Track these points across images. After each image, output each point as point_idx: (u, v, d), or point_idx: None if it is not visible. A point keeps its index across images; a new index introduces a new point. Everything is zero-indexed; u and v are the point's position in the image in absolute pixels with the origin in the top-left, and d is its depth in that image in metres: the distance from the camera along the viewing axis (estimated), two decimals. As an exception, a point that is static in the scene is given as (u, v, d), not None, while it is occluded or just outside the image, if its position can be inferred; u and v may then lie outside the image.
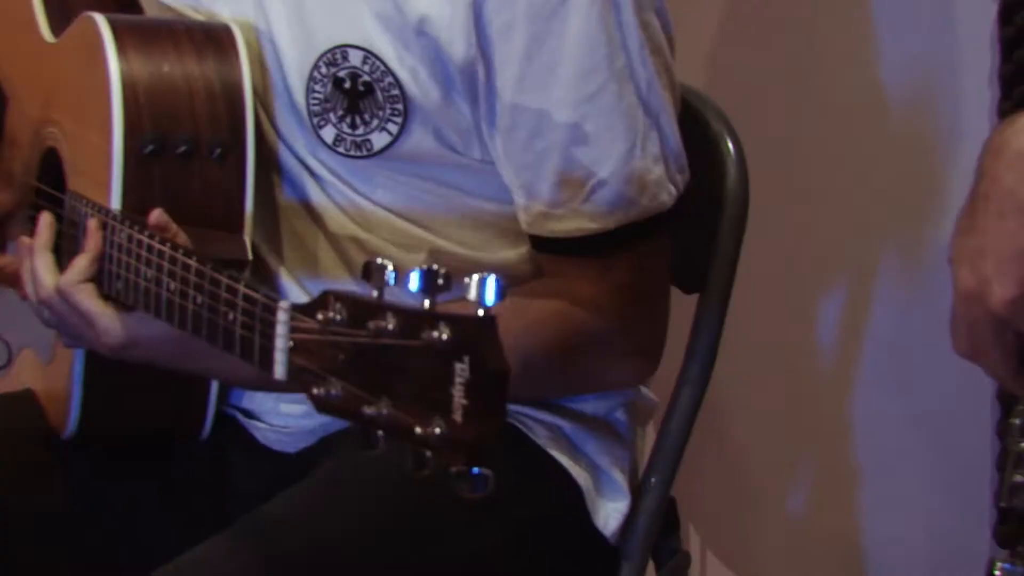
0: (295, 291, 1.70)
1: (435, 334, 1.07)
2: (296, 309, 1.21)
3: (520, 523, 1.67)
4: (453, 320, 1.07)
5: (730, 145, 1.81)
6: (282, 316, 1.23)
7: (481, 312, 1.07)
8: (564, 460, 1.71)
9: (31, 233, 1.80)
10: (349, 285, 1.66)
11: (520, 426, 1.71)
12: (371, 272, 1.14)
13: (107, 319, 1.52)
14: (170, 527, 1.73)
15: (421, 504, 1.55)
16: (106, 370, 1.61)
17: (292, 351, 1.20)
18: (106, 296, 1.56)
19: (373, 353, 1.11)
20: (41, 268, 1.57)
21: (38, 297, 1.58)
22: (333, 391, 1.14)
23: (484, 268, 1.65)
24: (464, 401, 1.06)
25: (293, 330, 1.21)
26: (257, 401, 1.77)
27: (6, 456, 1.74)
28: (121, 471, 1.76)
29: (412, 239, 1.68)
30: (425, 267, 1.09)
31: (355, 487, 1.62)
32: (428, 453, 1.08)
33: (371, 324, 1.11)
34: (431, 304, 1.09)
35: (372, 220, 1.68)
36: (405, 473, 1.10)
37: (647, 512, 1.75)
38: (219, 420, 1.75)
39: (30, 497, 1.73)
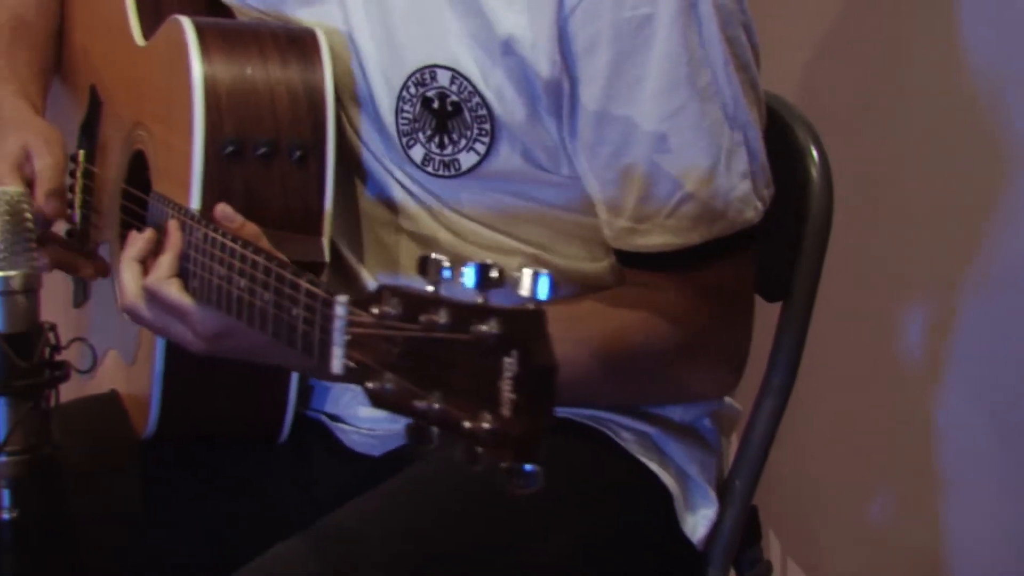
0: None
1: (484, 328, 1.07)
2: (353, 303, 1.22)
3: (608, 527, 1.67)
4: (503, 314, 1.07)
5: (815, 154, 1.80)
6: (340, 310, 1.23)
7: (532, 306, 1.07)
8: (653, 466, 1.71)
9: (121, 235, 1.84)
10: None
11: (608, 432, 1.72)
12: (427, 267, 1.14)
13: (199, 310, 1.52)
14: (252, 529, 1.74)
15: (508, 508, 1.56)
16: (186, 370, 1.62)
17: (348, 345, 1.21)
18: None
19: (425, 347, 1.11)
20: (127, 278, 1.59)
21: (123, 305, 1.60)
22: (387, 385, 1.14)
23: (577, 279, 1.69)
24: (512, 396, 1.06)
25: (350, 324, 1.21)
26: (343, 405, 1.78)
27: (91, 457, 1.76)
28: (204, 473, 1.78)
29: (504, 249, 1.69)
30: (479, 262, 1.10)
31: (440, 491, 1.62)
32: (479, 449, 1.08)
33: (423, 318, 1.11)
34: (484, 299, 1.09)
35: (460, 230, 1.69)
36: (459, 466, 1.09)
37: (731, 520, 1.75)
38: (303, 423, 1.76)
39: (114, 498, 1.75)
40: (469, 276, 1.10)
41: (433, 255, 1.14)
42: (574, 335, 1.57)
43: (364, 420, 1.77)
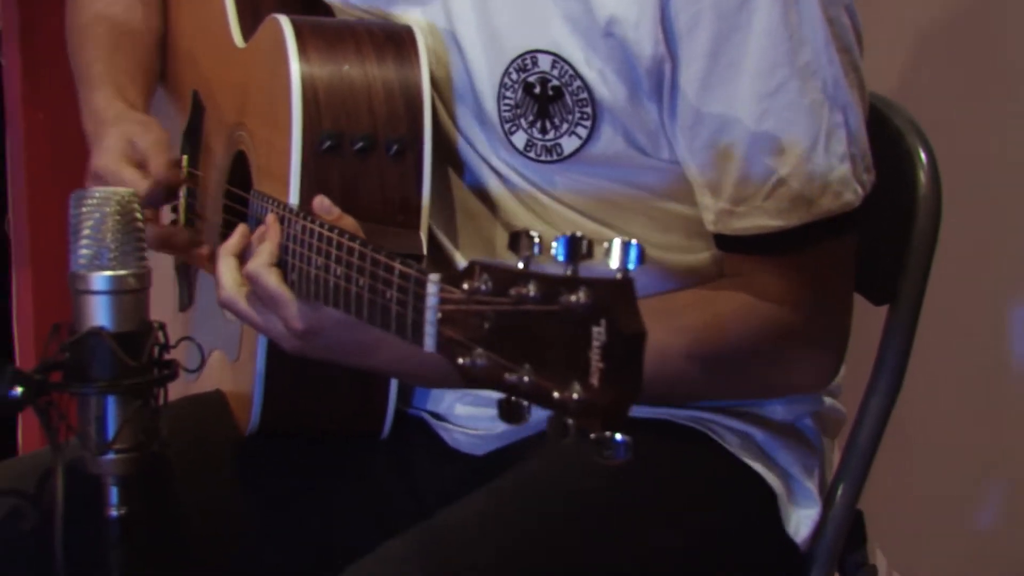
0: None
1: (573, 298, 1.07)
2: (444, 280, 1.22)
3: (711, 527, 1.67)
4: (591, 284, 1.07)
5: (923, 155, 1.79)
6: (431, 288, 1.23)
7: (619, 275, 1.07)
8: (757, 466, 1.71)
9: (223, 236, 1.85)
10: None
11: (710, 433, 1.71)
12: (518, 242, 1.14)
13: (295, 303, 1.53)
14: (354, 528, 1.75)
15: (613, 508, 1.55)
16: (288, 366, 1.63)
17: (441, 322, 1.21)
18: None
19: (515, 320, 1.11)
20: (223, 270, 1.60)
21: (219, 299, 1.61)
22: (479, 360, 1.14)
23: (676, 269, 1.68)
24: (601, 364, 1.05)
25: (442, 301, 1.21)
26: (445, 404, 1.78)
27: (197, 455, 1.78)
28: (307, 471, 1.79)
29: (600, 237, 1.67)
30: (568, 235, 1.10)
31: (545, 491, 1.62)
32: (568, 420, 1.07)
33: (513, 291, 1.11)
34: (573, 271, 1.09)
35: (557, 219, 1.69)
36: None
37: (834, 522, 1.74)
38: (405, 421, 1.77)
39: (219, 496, 1.77)
40: (558, 249, 1.10)
41: (525, 230, 1.14)
42: (671, 324, 1.57)
43: (466, 419, 1.77)
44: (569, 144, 1.65)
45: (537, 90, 1.64)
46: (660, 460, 1.65)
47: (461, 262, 1.72)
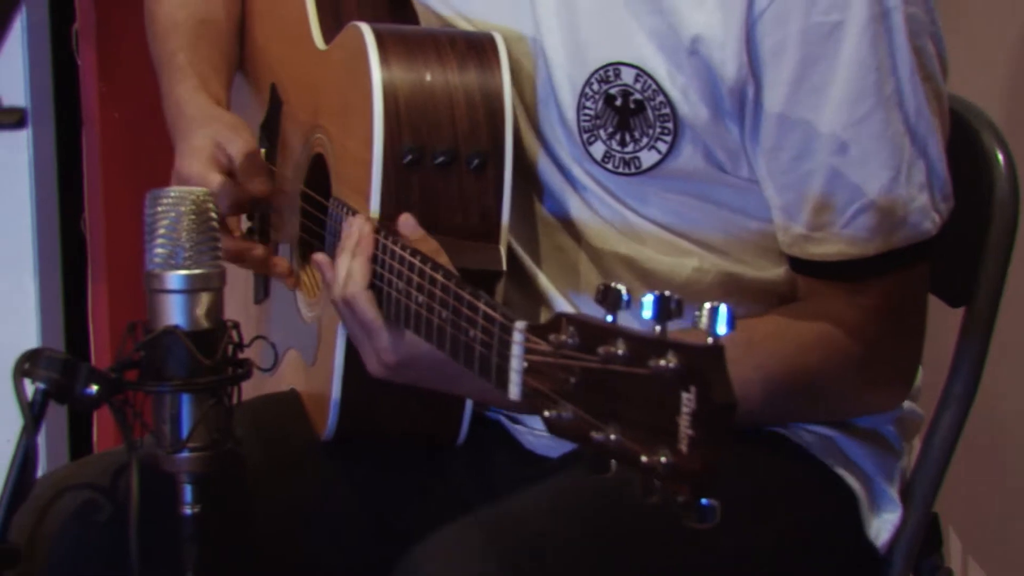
0: (559, 302, 1.71)
1: (663, 362, 1.07)
2: (530, 330, 1.22)
3: (791, 528, 1.67)
4: (682, 349, 1.07)
5: (1000, 156, 1.78)
6: (517, 337, 1.24)
7: (710, 341, 1.07)
8: (838, 469, 1.71)
9: (301, 239, 1.86)
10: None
11: (792, 436, 1.71)
12: (606, 296, 1.14)
13: (387, 334, 1.53)
14: (430, 529, 1.75)
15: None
16: (366, 374, 1.63)
17: (526, 372, 1.22)
18: None
19: (602, 379, 1.12)
20: (355, 267, 1.58)
21: (334, 295, 1.60)
22: (565, 414, 1.15)
23: (751, 284, 1.68)
24: (690, 431, 1.06)
25: (528, 351, 1.22)
26: (523, 406, 1.78)
27: (271, 454, 1.78)
28: (383, 473, 1.79)
29: (679, 251, 1.68)
30: (658, 293, 1.10)
31: (620, 486, 1.62)
32: (656, 482, 1.08)
33: (601, 349, 1.12)
34: (661, 330, 1.09)
35: (636, 231, 1.69)
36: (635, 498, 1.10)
37: (912, 525, 1.74)
38: (483, 423, 1.77)
39: (293, 495, 1.77)
40: (647, 307, 1.10)
41: (613, 284, 1.14)
42: (753, 360, 1.57)
43: (542, 422, 1.77)
44: (648, 158, 1.64)
45: (618, 102, 1.64)
46: (741, 462, 1.64)
47: (546, 288, 1.72)
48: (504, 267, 1.63)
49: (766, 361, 1.59)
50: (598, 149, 1.66)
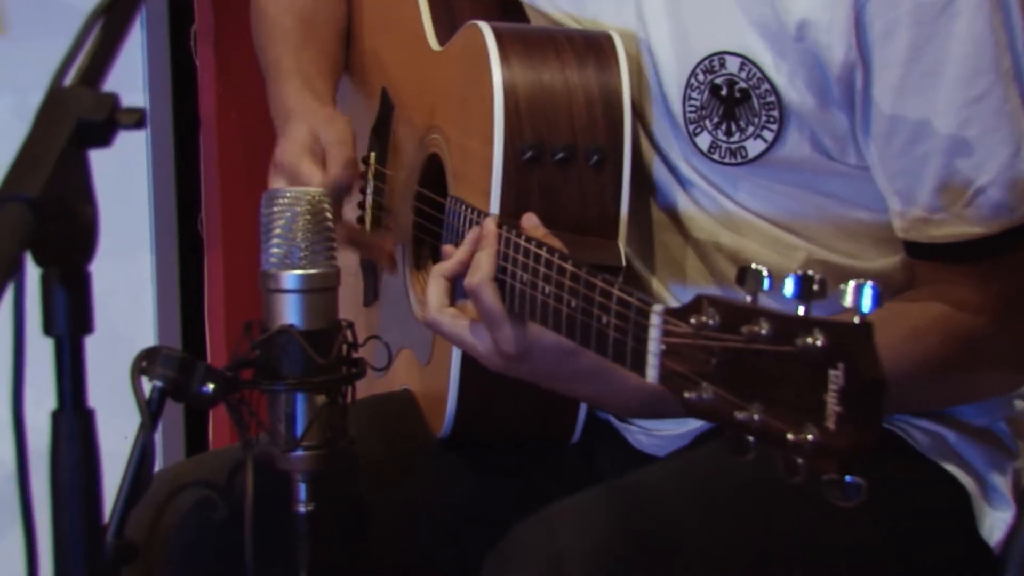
0: (666, 298, 1.71)
1: (809, 340, 1.07)
2: (669, 313, 1.22)
3: (902, 526, 1.65)
4: (829, 326, 1.07)
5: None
6: (655, 320, 1.24)
7: (857, 319, 1.07)
8: (950, 467, 1.70)
9: (415, 238, 1.87)
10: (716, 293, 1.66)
11: (902, 434, 1.70)
12: (745, 277, 1.15)
13: (510, 324, 1.53)
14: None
15: (806, 499, 1.53)
16: (483, 374, 1.63)
17: (664, 355, 1.22)
18: None
19: (746, 358, 1.12)
20: (432, 291, 1.60)
21: (426, 318, 1.62)
22: (705, 395, 1.15)
23: (859, 276, 1.65)
24: (838, 408, 1.06)
25: (666, 334, 1.22)
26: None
27: (385, 453, 1.79)
28: (493, 471, 1.80)
29: (785, 245, 1.68)
30: (800, 273, 1.10)
31: (741, 471, 1.62)
32: (799, 460, 1.08)
33: (744, 329, 1.12)
34: (805, 310, 1.09)
35: (743, 226, 1.68)
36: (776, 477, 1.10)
37: (1026, 524, 1.72)
38: (593, 423, 1.77)
39: (405, 494, 1.78)
40: (789, 287, 1.10)
41: (753, 265, 1.14)
42: None
43: (649, 421, 1.77)
44: (754, 147, 1.64)
45: (724, 92, 1.64)
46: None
47: (656, 285, 1.72)
48: (623, 263, 1.64)
49: (883, 346, 1.56)
50: (704, 140, 1.66)
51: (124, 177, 2.73)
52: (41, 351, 1.20)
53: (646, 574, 1.52)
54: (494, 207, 1.63)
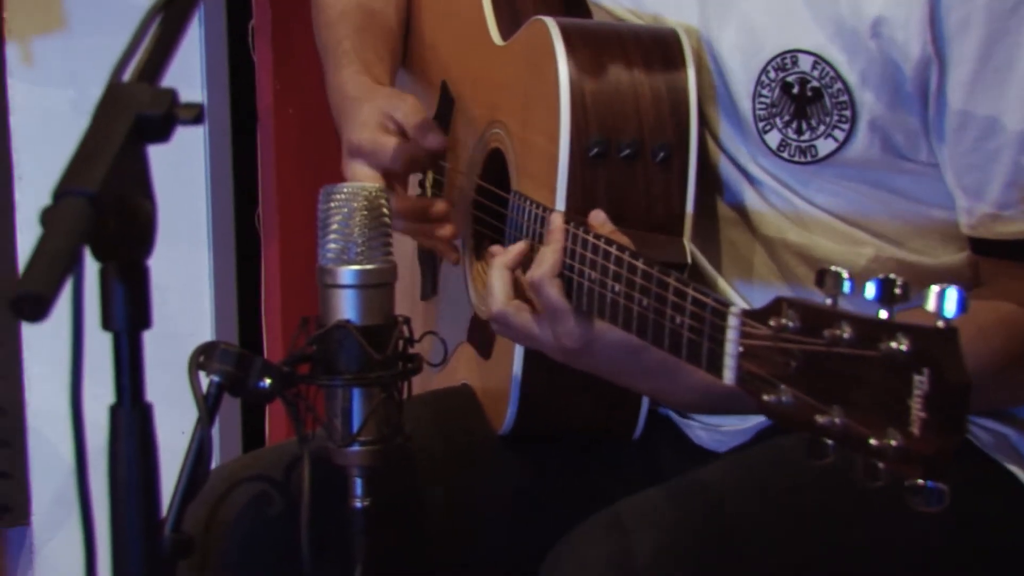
0: (732, 296, 1.70)
1: (894, 345, 1.07)
2: (747, 315, 1.22)
3: (967, 526, 1.64)
4: (913, 331, 1.07)
5: None
6: (733, 321, 1.24)
7: (942, 323, 1.07)
8: (1012, 467, 1.69)
9: (474, 232, 1.86)
10: (783, 291, 1.65)
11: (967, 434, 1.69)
12: (825, 279, 1.14)
13: (574, 318, 1.53)
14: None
15: (869, 495, 1.53)
16: (545, 369, 1.63)
17: (742, 356, 1.21)
18: None
19: (827, 362, 1.11)
20: (496, 283, 1.60)
21: (488, 312, 1.62)
22: (784, 398, 1.15)
23: (928, 273, 1.66)
24: (922, 414, 1.06)
25: (743, 335, 1.22)
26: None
27: (443, 448, 1.79)
28: (555, 469, 1.79)
29: (853, 241, 1.67)
30: (882, 276, 1.09)
31: (797, 460, 1.62)
32: (880, 464, 1.08)
33: (826, 332, 1.11)
34: (889, 314, 1.09)
35: (811, 223, 1.68)
36: (856, 482, 1.10)
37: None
38: (653, 419, 1.76)
39: (464, 490, 1.78)
40: (871, 290, 1.10)
41: (832, 267, 1.14)
42: None
43: (711, 417, 1.76)
44: (825, 146, 1.63)
45: (795, 90, 1.63)
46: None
47: (722, 283, 1.71)
48: (689, 260, 1.63)
49: None
50: (773, 138, 1.65)
51: (182, 172, 2.75)
52: (100, 346, 1.20)
53: (714, 573, 1.52)
54: (560, 203, 1.63)
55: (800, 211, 1.67)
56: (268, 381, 1.51)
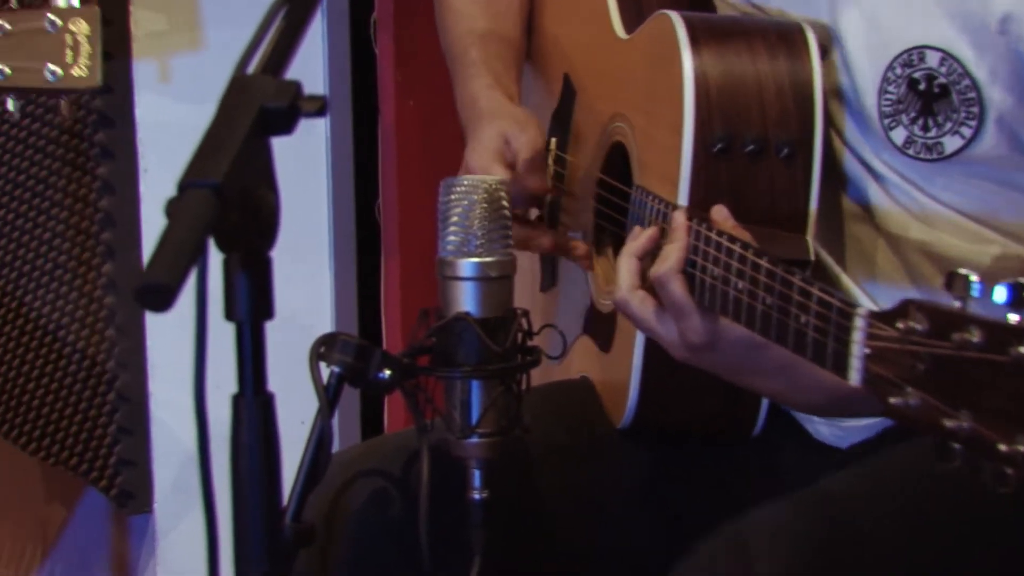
0: (856, 294, 1.69)
1: None
2: (874, 316, 1.21)
3: None
4: None
5: None
6: (859, 323, 1.23)
7: None
8: None
9: (596, 225, 1.86)
10: (908, 291, 1.63)
11: None
12: (954, 282, 1.13)
13: (698, 315, 1.52)
14: (717, 519, 1.74)
15: (999, 509, 1.52)
16: (666, 363, 1.62)
17: (868, 358, 1.20)
18: None
19: (956, 366, 1.10)
20: (623, 271, 1.60)
21: (615, 299, 1.61)
22: (912, 401, 1.14)
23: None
24: None
25: (870, 337, 1.21)
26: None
27: (563, 442, 1.78)
28: (672, 461, 1.79)
29: (979, 238, 1.65)
30: (1013, 280, 1.08)
31: (927, 478, 1.59)
32: (1009, 471, 1.07)
33: (955, 336, 1.10)
34: (1020, 318, 1.08)
35: (936, 219, 1.66)
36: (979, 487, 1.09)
37: None
38: (773, 414, 1.75)
39: (582, 483, 1.78)
40: (1001, 294, 1.09)
41: (961, 270, 1.12)
42: None
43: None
44: (951, 143, 1.61)
45: (922, 86, 1.61)
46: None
47: (845, 281, 1.69)
48: (812, 257, 1.61)
49: None
50: (899, 134, 1.63)
51: (304, 164, 2.76)
52: (223, 336, 1.21)
53: None
54: (683, 198, 1.62)
55: (925, 208, 1.66)
56: (388, 372, 1.52)
